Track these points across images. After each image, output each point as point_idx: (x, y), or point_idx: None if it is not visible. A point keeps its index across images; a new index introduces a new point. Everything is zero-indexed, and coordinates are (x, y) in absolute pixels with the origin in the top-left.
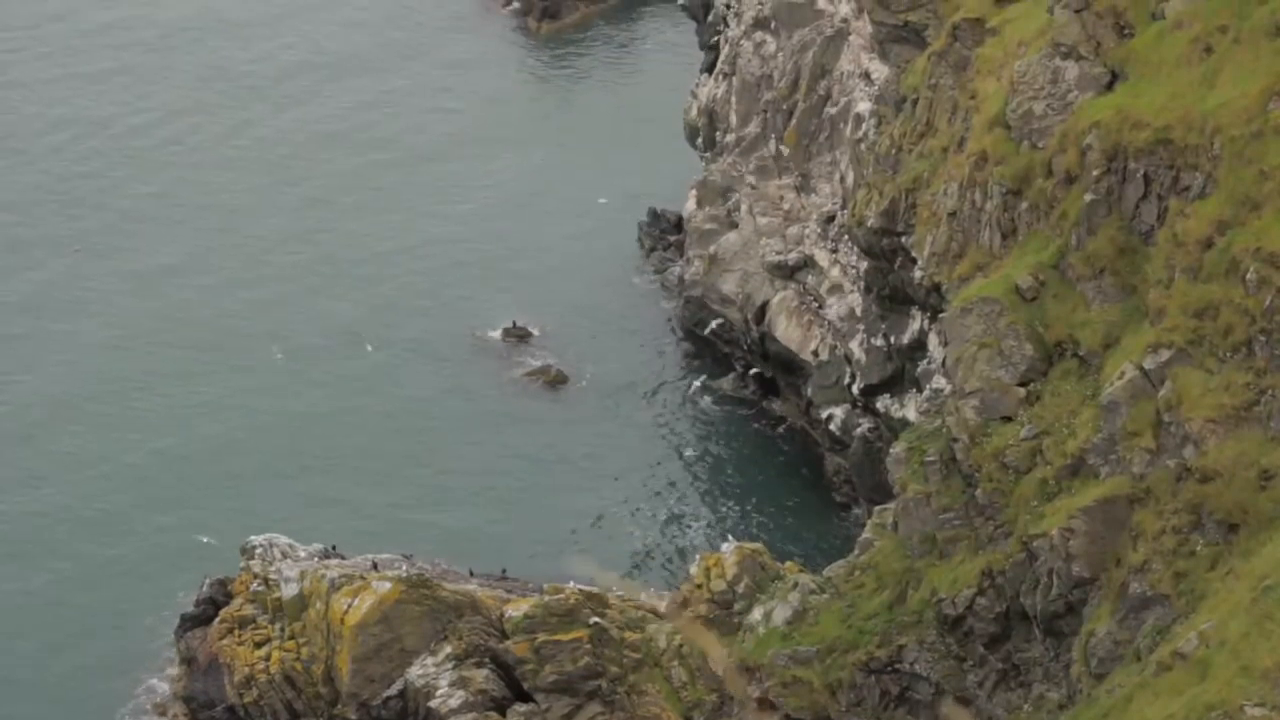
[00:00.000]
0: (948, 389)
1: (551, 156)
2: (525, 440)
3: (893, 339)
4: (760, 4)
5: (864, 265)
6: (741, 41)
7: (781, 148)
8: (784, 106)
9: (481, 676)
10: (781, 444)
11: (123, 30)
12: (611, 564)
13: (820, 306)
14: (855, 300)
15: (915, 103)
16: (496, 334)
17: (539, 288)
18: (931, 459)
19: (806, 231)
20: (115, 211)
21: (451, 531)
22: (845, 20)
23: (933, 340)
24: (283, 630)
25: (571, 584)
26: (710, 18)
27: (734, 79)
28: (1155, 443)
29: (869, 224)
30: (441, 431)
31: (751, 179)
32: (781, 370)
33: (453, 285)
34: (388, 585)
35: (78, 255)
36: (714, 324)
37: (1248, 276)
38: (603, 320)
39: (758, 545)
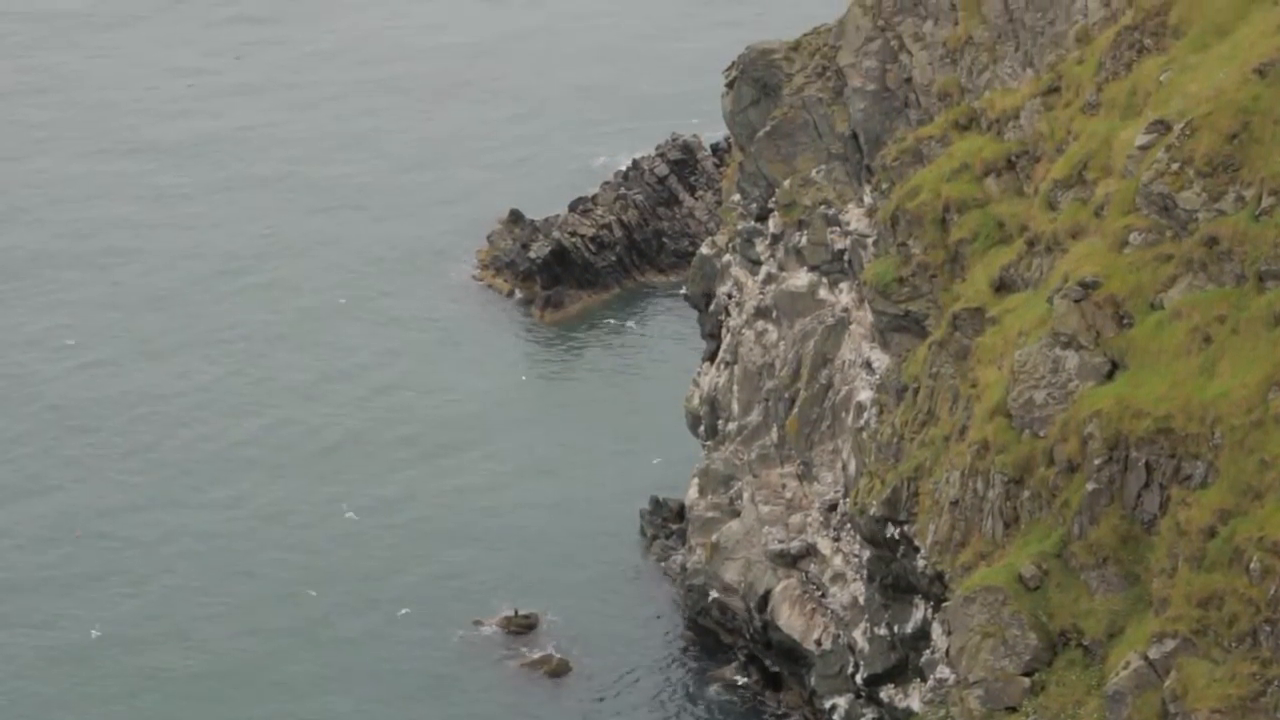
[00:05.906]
0: (952, 679)
1: (551, 444)
2: None
3: (896, 628)
4: (762, 294)
5: (866, 554)
6: (743, 330)
7: (784, 435)
8: (786, 395)
9: None
10: None
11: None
12: None
13: (823, 595)
14: (858, 589)
15: (916, 391)
16: (494, 621)
17: (539, 575)
18: None
19: (809, 520)
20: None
21: None
22: (846, 310)
23: (936, 629)
24: None
25: None
26: (712, 307)
27: (736, 367)
28: None
29: (871, 512)
30: None
31: (753, 467)
32: (784, 660)
33: (448, 571)
34: None
35: (78, 539)
36: (716, 613)
37: (1251, 566)
38: (605, 608)
39: None
